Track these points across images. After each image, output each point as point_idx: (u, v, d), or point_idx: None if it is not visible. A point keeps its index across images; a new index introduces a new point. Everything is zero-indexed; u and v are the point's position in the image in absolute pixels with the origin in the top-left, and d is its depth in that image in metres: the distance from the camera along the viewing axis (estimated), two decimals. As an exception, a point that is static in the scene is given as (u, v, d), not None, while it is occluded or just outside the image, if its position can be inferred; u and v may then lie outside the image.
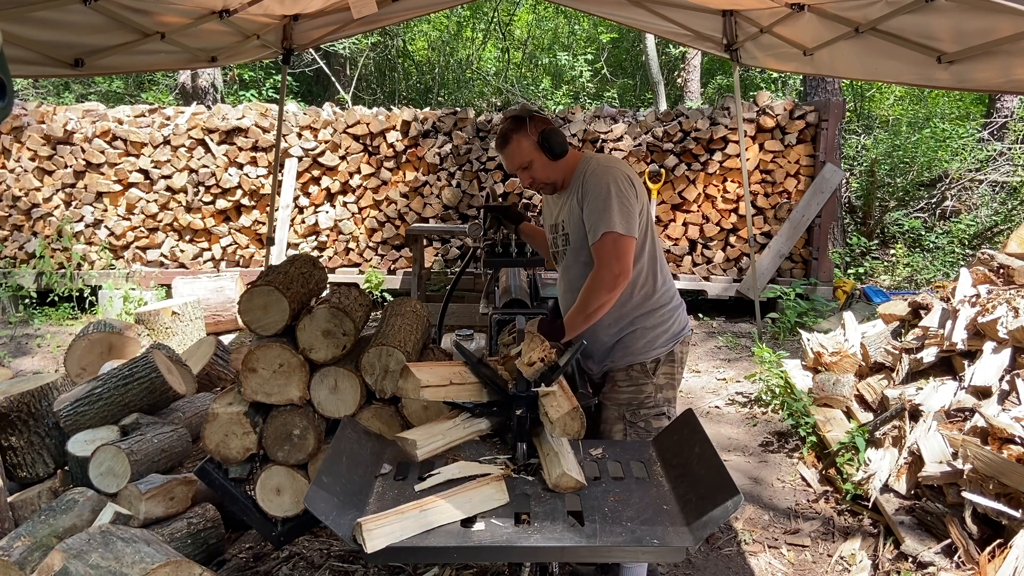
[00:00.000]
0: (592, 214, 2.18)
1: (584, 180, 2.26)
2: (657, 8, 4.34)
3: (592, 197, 2.20)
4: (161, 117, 6.85)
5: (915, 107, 9.72)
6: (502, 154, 2.35)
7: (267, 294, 2.25)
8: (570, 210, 2.31)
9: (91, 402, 3.09)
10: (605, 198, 2.17)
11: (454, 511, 1.56)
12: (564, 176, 2.35)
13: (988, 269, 3.78)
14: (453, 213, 6.80)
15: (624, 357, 2.35)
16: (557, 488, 1.66)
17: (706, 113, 6.55)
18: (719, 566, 2.95)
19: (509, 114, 2.38)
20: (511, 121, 2.32)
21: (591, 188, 2.22)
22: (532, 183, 2.35)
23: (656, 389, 2.36)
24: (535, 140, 2.27)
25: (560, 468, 1.66)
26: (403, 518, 1.52)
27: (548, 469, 1.70)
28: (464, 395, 1.95)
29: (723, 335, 6.09)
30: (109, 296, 6.45)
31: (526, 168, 2.31)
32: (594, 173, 2.25)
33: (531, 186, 2.37)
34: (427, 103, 12.78)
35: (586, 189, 2.24)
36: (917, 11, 2.73)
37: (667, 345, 2.36)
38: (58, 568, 2.06)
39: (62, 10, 2.93)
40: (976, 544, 2.64)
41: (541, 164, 2.30)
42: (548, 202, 2.53)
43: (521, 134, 2.28)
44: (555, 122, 6.64)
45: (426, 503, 1.58)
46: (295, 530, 2.39)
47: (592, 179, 2.24)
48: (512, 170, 2.37)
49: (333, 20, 4.41)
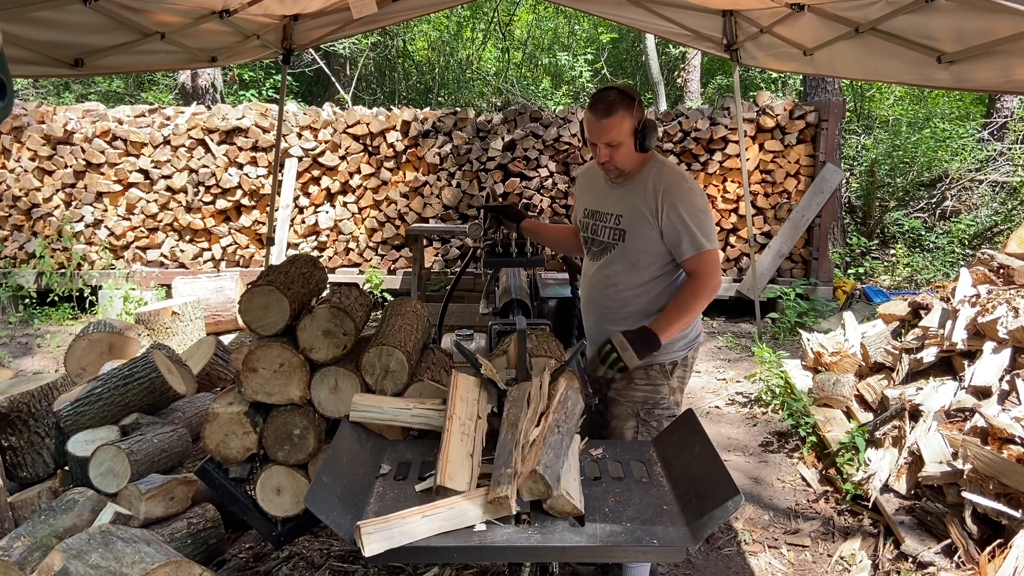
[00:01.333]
0: (689, 230, 2.21)
1: (663, 189, 2.23)
2: (657, 8, 4.34)
3: (687, 212, 2.21)
4: (161, 117, 6.85)
5: (915, 107, 9.72)
6: (600, 123, 2.20)
7: (268, 294, 2.25)
8: (634, 209, 2.28)
9: (91, 402, 3.09)
10: (702, 216, 2.24)
11: (458, 518, 1.54)
12: (635, 169, 2.31)
13: (988, 269, 3.78)
14: (453, 213, 6.80)
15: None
16: (552, 511, 1.58)
17: (706, 113, 6.55)
18: (719, 566, 2.95)
19: (617, 86, 2.29)
20: (621, 95, 2.22)
21: (681, 202, 2.21)
22: (607, 163, 2.26)
23: (671, 391, 2.38)
24: (635, 124, 2.21)
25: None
26: (404, 522, 1.51)
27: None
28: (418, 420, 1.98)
29: (723, 335, 6.09)
30: (109, 296, 6.45)
31: (613, 146, 2.22)
32: (678, 187, 2.23)
33: (604, 165, 2.28)
34: (427, 103, 12.78)
35: (668, 200, 2.22)
36: (917, 11, 2.72)
37: (685, 349, 2.39)
38: (58, 568, 2.06)
39: (62, 10, 2.93)
40: (976, 544, 2.64)
41: (627, 150, 2.23)
42: (593, 187, 2.46)
43: (628, 112, 2.20)
44: (555, 122, 6.68)
45: (428, 508, 1.55)
46: (295, 530, 2.39)
47: (678, 192, 2.22)
48: (601, 141, 2.23)
49: (333, 20, 4.41)
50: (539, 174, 6.66)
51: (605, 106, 2.20)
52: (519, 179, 6.70)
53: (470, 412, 1.86)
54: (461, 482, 1.63)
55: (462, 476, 1.65)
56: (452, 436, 1.74)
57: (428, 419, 1.99)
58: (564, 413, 1.76)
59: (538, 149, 6.64)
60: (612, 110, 2.19)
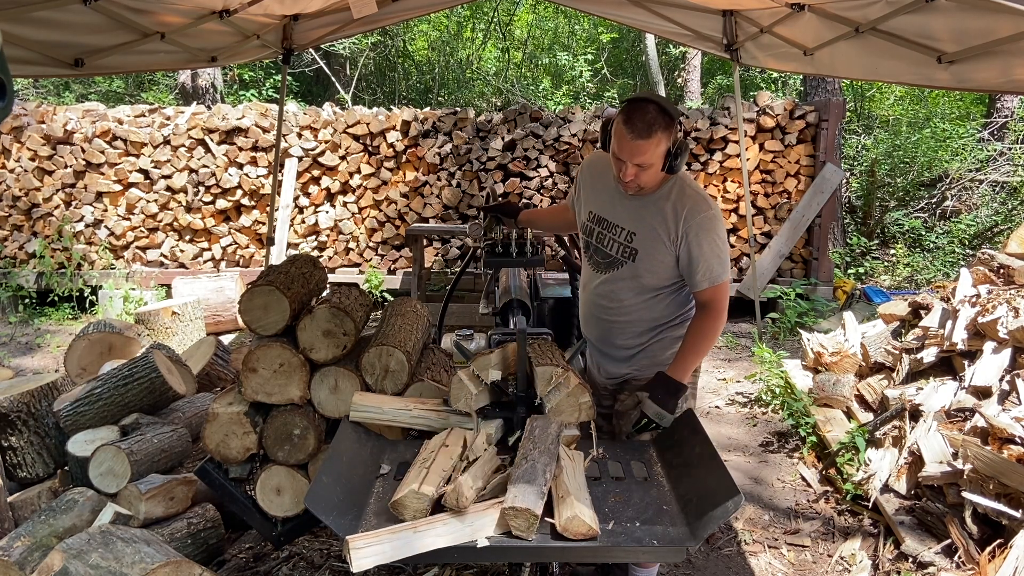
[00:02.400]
0: (708, 262, 2.13)
1: (686, 215, 2.12)
2: (657, 8, 4.34)
3: (708, 244, 2.12)
4: (161, 117, 6.85)
5: (915, 107, 9.71)
6: (636, 143, 2.01)
7: (268, 294, 2.25)
8: (650, 230, 2.18)
9: (91, 402, 3.09)
10: (722, 246, 2.15)
11: (451, 535, 1.52)
12: (655, 186, 2.19)
13: (988, 269, 3.78)
14: (453, 213, 6.80)
15: (651, 366, 2.31)
16: (566, 532, 1.52)
17: (706, 113, 6.55)
18: (719, 566, 2.95)
19: (657, 99, 2.06)
20: (661, 112, 2.02)
21: (704, 231, 2.12)
22: (632, 182, 2.11)
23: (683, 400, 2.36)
24: (670, 146, 2.06)
25: (572, 510, 1.53)
26: (394, 538, 1.48)
27: (559, 510, 1.57)
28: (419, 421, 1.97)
29: (723, 335, 6.09)
30: (109, 296, 6.45)
31: (643, 167, 2.07)
32: (701, 214, 2.12)
33: (630, 183, 2.11)
34: (427, 103, 12.77)
35: (691, 228, 2.12)
36: (917, 11, 2.72)
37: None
38: (58, 568, 2.06)
39: (62, 10, 2.93)
40: (976, 544, 2.64)
41: (655, 171, 2.09)
42: (603, 189, 2.31)
43: (666, 134, 2.03)
44: (555, 122, 6.67)
45: (421, 523, 1.52)
46: (295, 530, 2.39)
47: (703, 221, 2.12)
48: (632, 160, 2.05)
49: (333, 20, 4.41)
50: (539, 174, 6.66)
51: (644, 125, 1.99)
52: (519, 179, 6.69)
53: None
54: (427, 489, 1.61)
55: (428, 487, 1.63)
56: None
57: (428, 420, 1.98)
58: (531, 442, 1.74)
59: (538, 149, 6.63)
60: (651, 131, 1.99)
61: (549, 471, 1.63)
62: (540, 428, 1.79)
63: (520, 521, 1.51)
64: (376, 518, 1.62)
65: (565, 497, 1.58)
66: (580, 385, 1.91)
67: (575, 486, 1.63)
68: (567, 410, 1.91)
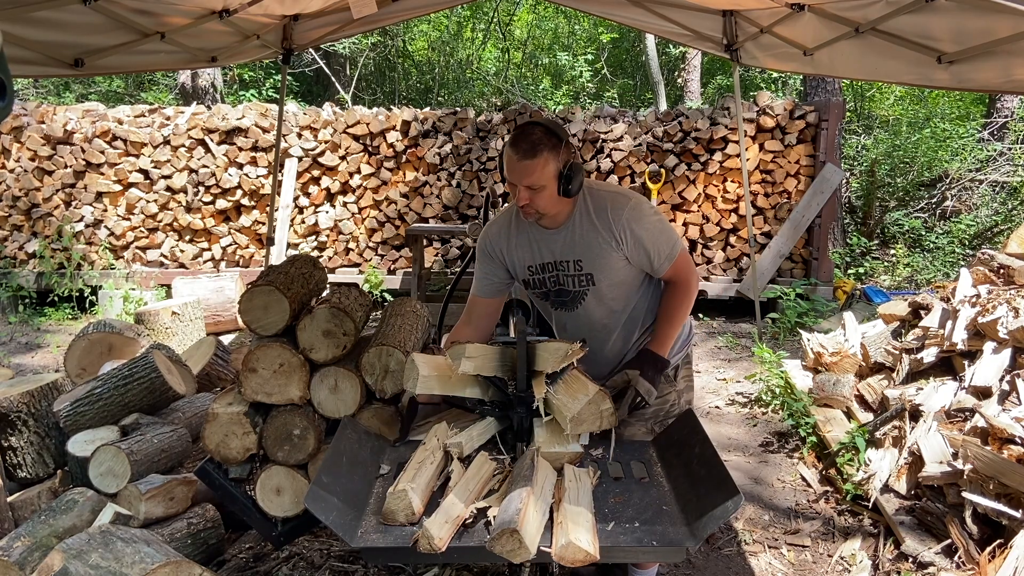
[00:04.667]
0: (656, 246, 2.14)
1: (612, 216, 2.12)
2: (657, 8, 4.34)
3: (646, 231, 2.12)
4: (161, 117, 6.85)
5: (915, 107, 9.71)
6: (523, 163, 2.01)
7: (267, 294, 2.25)
8: (590, 248, 2.15)
9: (91, 402, 3.09)
10: (660, 226, 2.16)
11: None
12: (562, 211, 2.15)
13: (988, 269, 3.78)
14: (453, 213, 6.80)
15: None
16: (562, 561, 1.45)
17: (706, 113, 6.55)
18: (719, 566, 2.95)
19: (544, 122, 2.09)
20: (547, 133, 2.04)
21: (636, 222, 2.11)
22: (528, 207, 2.07)
23: (678, 395, 2.36)
24: (560, 167, 2.04)
25: (567, 537, 1.45)
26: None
27: (555, 537, 1.50)
28: (465, 389, 1.95)
29: (723, 335, 6.09)
30: (109, 296, 6.45)
31: (535, 189, 2.04)
32: (624, 207, 2.13)
33: (525, 208, 2.08)
34: (427, 103, 12.78)
35: (623, 225, 2.11)
36: (917, 11, 2.72)
37: (682, 350, 2.36)
38: (58, 568, 2.06)
39: (62, 10, 2.93)
40: (976, 544, 2.64)
41: (550, 194, 2.06)
42: (528, 242, 2.25)
43: (553, 154, 2.02)
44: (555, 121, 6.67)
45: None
46: (295, 530, 2.39)
47: (630, 214, 2.12)
48: (521, 183, 2.04)
49: (333, 20, 4.41)
50: (539, 174, 6.66)
51: (528, 146, 2.01)
52: (519, 179, 6.69)
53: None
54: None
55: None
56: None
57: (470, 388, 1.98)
58: (514, 472, 1.74)
59: (538, 149, 6.63)
60: (536, 151, 2.00)
61: (580, 492, 1.64)
62: (522, 458, 1.79)
63: (508, 544, 1.45)
64: (376, 518, 1.62)
65: (563, 522, 1.52)
66: (601, 392, 1.86)
67: (575, 511, 1.56)
68: (588, 419, 1.85)
